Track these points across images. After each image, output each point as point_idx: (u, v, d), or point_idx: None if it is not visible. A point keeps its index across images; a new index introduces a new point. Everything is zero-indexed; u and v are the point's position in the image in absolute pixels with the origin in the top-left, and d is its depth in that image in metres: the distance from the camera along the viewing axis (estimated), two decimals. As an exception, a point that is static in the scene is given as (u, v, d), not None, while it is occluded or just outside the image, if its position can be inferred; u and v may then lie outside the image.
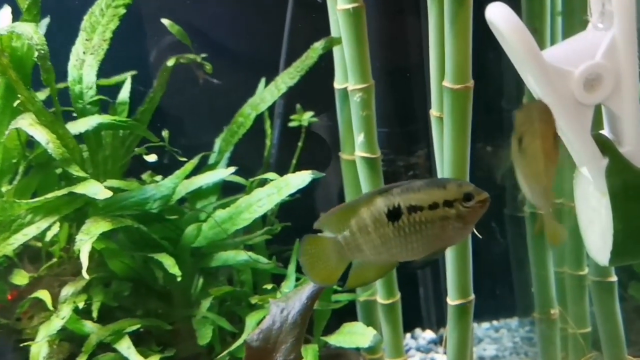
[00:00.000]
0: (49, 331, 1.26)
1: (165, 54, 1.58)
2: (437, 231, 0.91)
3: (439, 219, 0.91)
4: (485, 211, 0.93)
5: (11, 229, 1.30)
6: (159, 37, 1.68)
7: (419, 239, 0.91)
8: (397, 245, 0.92)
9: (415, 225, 0.91)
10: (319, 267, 0.94)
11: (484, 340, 1.89)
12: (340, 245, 0.93)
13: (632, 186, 1.03)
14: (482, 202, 0.91)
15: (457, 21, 1.18)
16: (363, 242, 0.92)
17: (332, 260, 0.94)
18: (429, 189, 0.91)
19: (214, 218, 1.40)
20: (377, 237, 0.92)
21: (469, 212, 0.91)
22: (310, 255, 0.94)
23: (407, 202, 0.91)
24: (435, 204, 0.91)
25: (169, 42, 1.65)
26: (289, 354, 1.08)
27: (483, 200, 0.92)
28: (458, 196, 0.91)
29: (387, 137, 1.65)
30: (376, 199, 0.92)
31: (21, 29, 1.27)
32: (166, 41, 1.67)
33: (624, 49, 1.01)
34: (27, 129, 1.26)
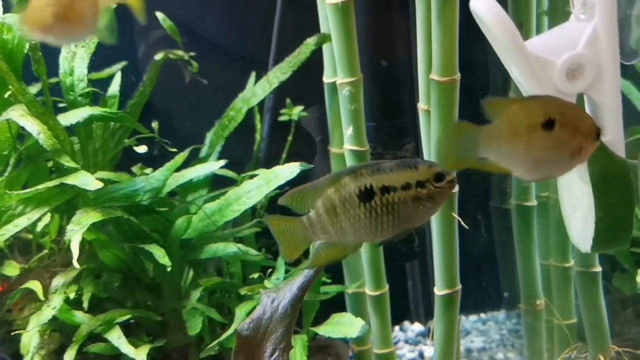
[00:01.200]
0: (39, 321, 1.27)
1: (156, 46, 1.59)
2: (409, 211, 0.91)
3: (411, 199, 0.91)
4: (452, 190, 0.94)
5: (2, 220, 1.31)
6: (149, 29, 1.68)
7: (390, 220, 0.91)
8: (366, 227, 0.91)
9: (388, 206, 0.90)
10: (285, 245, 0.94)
11: (472, 333, 1.91)
12: (305, 226, 0.92)
13: (614, 174, 1.05)
14: (450, 182, 0.92)
15: (444, 15, 1.20)
16: (329, 224, 0.91)
17: (296, 239, 0.93)
18: (400, 170, 0.91)
19: (204, 210, 1.41)
20: (346, 219, 0.91)
21: (440, 192, 0.92)
22: (278, 232, 0.94)
23: (380, 182, 0.90)
24: (407, 185, 0.91)
25: (160, 35, 1.66)
26: (279, 343, 1.09)
27: (452, 181, 0.92)
28: (429, 177, 0.91)
29: (375, 131, 1.67)
30: (344, 180, 0.91)
31: (12, 20, 1.27)
32: (157, 34, 1.68)
33: (605, 40, 1.03)
34: (18, 120, 1.26)
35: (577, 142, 0.94)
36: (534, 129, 0.92)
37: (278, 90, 1.54)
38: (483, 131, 0.93)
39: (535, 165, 0.94)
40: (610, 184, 1.05)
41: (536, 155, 0.93)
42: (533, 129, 0.92)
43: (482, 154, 0.94)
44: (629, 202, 1.07)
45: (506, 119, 0.93)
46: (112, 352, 1.32)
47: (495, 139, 0.93)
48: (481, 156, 0.94)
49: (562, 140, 0.93)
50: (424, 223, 0.95)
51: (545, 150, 0.93)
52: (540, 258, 1.58)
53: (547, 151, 0.93)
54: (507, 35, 1.01)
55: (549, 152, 0.93)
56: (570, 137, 0.94)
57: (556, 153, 0.94)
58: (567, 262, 1.54)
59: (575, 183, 1.13)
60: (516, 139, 0.93)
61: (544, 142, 0.93)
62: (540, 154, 0.93)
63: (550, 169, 0.96)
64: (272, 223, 0.94)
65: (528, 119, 0.92)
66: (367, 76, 1.44)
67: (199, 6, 1.72)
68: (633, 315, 1.63)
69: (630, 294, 1.61)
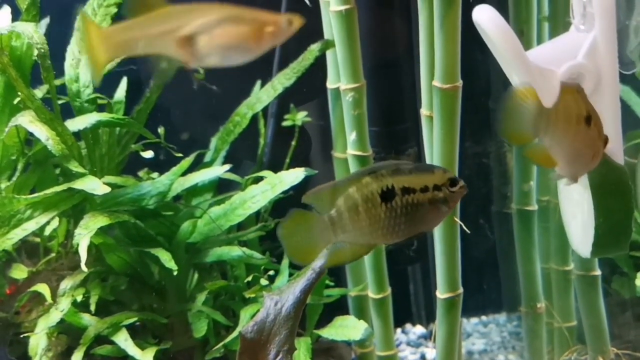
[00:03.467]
0: (48, 323, 1.29)
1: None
2: (425, 213, 0.93)
3: (428, 201, 0.93)
4: (463, 195, 0.96)
5: (10, 224, 1.33)
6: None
7: (407, 221, 0.93)
8: (385, 227, 0.93)
9: (407, 207, 0.92)
10: (299, 244, 0.93)
11: (473, 335, 1.92)
12: (327, 224, 0.92)
13: (613, 181, 1.07)
14: (462, 187, 0.95)
15: (446, 23, 1.22)
16: (350, 222, 0.92)
17: (315, 238, 0.93)
18: (419, 172, 0.94)
19: (209, 214, 1.43)
20: (367, 218, 0.92)
21: (453, 196, 0.95)
22: (292, 230, 0.93)
23: (400, 183, 0.92)
24: (426, 187, 0.93)
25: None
26: (282, 345, 1.11)
27: (463, 186, 0.95)
28: (445, 181, 0.94)
29: (378, 136, 1.69)
30: (366, 179, 0.92)
31: (21, 28, 1.29)
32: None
33: (604, 50, 1.05)
34: (27, 126, 1.28)
35: (598, 144, 0.98)
36: (579, 121, 0.95)
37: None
38: (544, 110, 0.95)
39: (573, 159, 0.97)
40: (609, 190, 1.07)
41: (576, 147, 0.96)
42: (579, 120, 0.95)
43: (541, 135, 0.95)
44: (628, 208, 1.09)
45: (562, 105, 0.95)
46: (118, 354, 1.34)
47: (553, 122, 0.95)
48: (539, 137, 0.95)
49: (592, 138, 0.97)
50: (436, 226, 0.98)
51: (583, 144, 0.96)
52: (540, 261, 1.60)
53: (584, 146, 0.96)
54: (509, 46, 1.03)
55: (584, 147, 0.96)
56: (597, 137, 0.97)
57: (587, 149, 0.97)
58: (567, 266, 1.56)
59: (575, 189, 1.15)
60: (568, 126, 0.95)
61: (583, 136, 0.96)
62: (579, 147, 0.96)
63: (580, 165, 0.98)
64: (297, 217, 0.93)
65: (577, 110, 0.95)
66: (370, 82, 1.46)
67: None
68: (632, 318, 1.65)
69: (630, 297, 1.62)
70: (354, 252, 0.95)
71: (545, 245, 1.59)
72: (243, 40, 0.88)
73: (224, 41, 0.88)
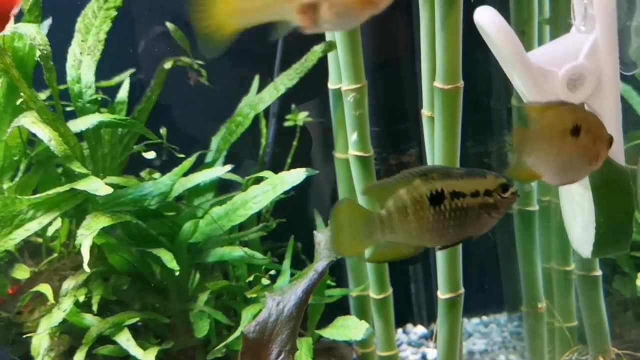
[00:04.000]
0: (50, 323, 1.29)
1: (157, 42, 1.61)
2: (474, 218, 0.93)
3: (478, 206, 0.93)
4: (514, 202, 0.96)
5: (13, 225, 1.33)
6: (152, 27, 1.71)
7: (456, 225, 0.93)
8: (432, 229, 0.92)
9: (456, 211, 0.92)
10: (346, 235, 0.93)
11: (474, 335, 1.93)
12: (376, 222, 0.92)
13: (613, 181, 1.07)
14: (514, 193, 0.95)
15: (447, 23, 1.22)
16: (398, 223, 0.92)
17: (363, 233, 0.92)
18: (470, 177, 0.94)
19: (211, 214, 1.43)
20: (415, 220, 0.91)
21: (504, 202, 0.94)
22: (342, 219, 0.92)
23: (450, 187, 0.92)
24: (476, 192, 0.93)
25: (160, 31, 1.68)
26: (284, 345, 1.11)
27: (515, 192, 0.95)
28: (496, 186, 0.94)
29: (379, 136, 1.69)
30: (416, 182, 0.92)
31: (24, 29, 1.30)
32: (157, 30, 1.70)
33: (605, 51, 1.05)
34: (30, 127, 1.29)
35: (596, 149, 0.98)
36: (564, 134, 0.96)
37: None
38: (530, 134, 0.96)
39: (562, 170, 0.98)
40: (610, 190, 1.07)
41: (564, 160, 0.97)
42: (564, 134, 0.96)
43: (525, 157, 0.97)
44: (629, 208, 1.09)
45: (545, 124, 0.96)
46: (120, 354, 1.34)
47: (537, 142, 0.96)
48: (523, 160, 0.97)
49: (585, 146, 0.97)
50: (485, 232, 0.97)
51: (572, 155, 0.97)
52: (541, 261, 1.60)
53: (573, 157, 0.97)
54: (510, 47, 1.03)
55: (574, 158, 0.97)
56: (591, 144, 0.97)
57: (579, 159, 0.97)
58: (568, 266, 1.56)
59: (575, 189, 1.15)
60: (551, 143, 0.96)
61: (572, 147, 0.96)
62: (568, 158, 0.97)
63: (573, 174, 0.99)
64: (347, 206, 0.93)
65: (561, 124, 0.96)
66: (371, 82, 1.46)
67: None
68: (633, 318, 1.65)
69: (630, 297, 1.63)
70: (400, 251, 0.95)
71: (546, 245, 1.60)
72: (356, 7, 0.91)
73: (341, 8, 0.90)
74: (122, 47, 1.67)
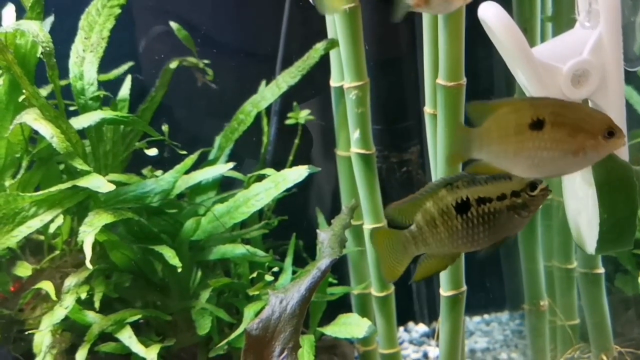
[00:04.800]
0: (52, 320, 1.29)
1: (160, 42, 1.61)
2: (504, 221, 0.95)
3: (506, 208, 0.95)
4: (546, 198, 0.98)
5: (15, 222, 1.33)
6: (154, 26, 1.71)
7: (486, 230, 0.95)
8: (463, 237, 0.95)
9: (484, 217, 0.95)
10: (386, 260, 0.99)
11: (475, 333, 1.93)
12: (408, 238, 0.96)
13: (617, 177, 1.07)
14: (544, 190, 0.97)
15: (450, 20, 1.22)
16: (430, 236, 0.96)
17: (399, 253, 0.98)
18: (495, 181, 0.96)
19: (213, 212, 1.43)
20: (445, 230, 0.95)
21: (534, 201, 0.96)
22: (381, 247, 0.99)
23: (475, 194, 0.95)
24: (503, 195, 0.95)
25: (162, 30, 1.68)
26: (287, 342, 1.11)
27: (545, 189, 0.97)
28: (523, 186, 0.96)
29: (381, 134, 1.69)
30: (441, 192, 0.95)
31: (26, 26, 1.30)
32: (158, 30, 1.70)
33: (609, 46, 1.05)
34: (32, 124, 1.28)
35: (578, 141, 0.96)
36: (521, 130, 0.95)
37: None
38: (474, 133, 0.96)
39: (531, 165, 0.96)
40: (614, 187, 1.07)
41: (529, 154, 0.95)
42: (521, 130, 0.95)
43: (475, 155, 0.97)
44: (633, 205, 1.09)
45: (495, 121, 0.96)
46: (122, 351, 1.34)
47: (485, 141, 0.96)
48: (475, 157, 0.97)
49: (556, 139, 0.95)
50: (519, 231, 0.99)
51: (538, 149, 0.95)
52: (543, 259, 1.60)
53: (540, 151, 0.95)
54: (515, 43, 1.03)
55: (543, 152, 0.95)
56: (567, 136, 0.96)
57: (552, 152, 0.96)
58: (570, 264, 1.56)
59: (579, 186, 1.15)
60: (505, 140, 0.95)
61: (534, 142, 0.95)
62: (533, 153, 0.95)
63: (550, 167, 0.97)
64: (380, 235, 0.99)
65: (515, 120, 0.95)
66: (373, 80, 1.46)
67: (206, 11, 1.74)
68: (635, 316, 1.65)
69: (633, 295, 1.63)
70: (441, 263, 1.00)
71: (548, 243, 1.60)
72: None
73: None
74: (123, 44, 1.67)
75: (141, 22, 1.73)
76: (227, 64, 1.73)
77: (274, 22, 1.70)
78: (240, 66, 1.76)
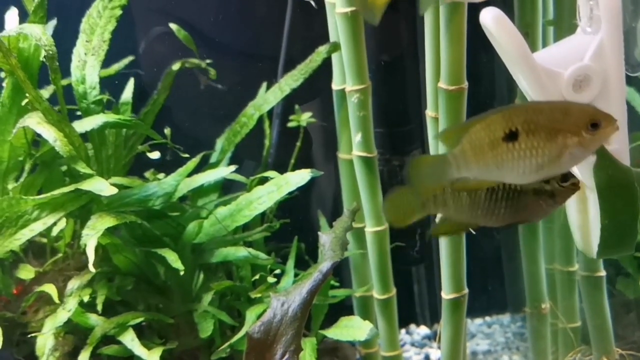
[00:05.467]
0: (55, 323, 1.30)
1: (162, 43, 1.61)
2: (528, 203, 0.95)
3: (533, 192, 0.95)
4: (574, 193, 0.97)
5: (18, 225, 1.34)
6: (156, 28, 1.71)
7: (508, 207, 0.95)
8: (486, 209, 0.95)
9: (510, 193, 0.95)
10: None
11: (477, 336, 1.93)
12: (448, 161, 0.95)
13: (618, 182, 1.07)
14: (574, 184, 0.96)
15: (452, 24, 1.22)
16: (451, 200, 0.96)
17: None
18: None
19: (215, 215, 1.44)
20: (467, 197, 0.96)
21: (562, 192, 0.96)
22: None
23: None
24: None
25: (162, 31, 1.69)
26: (289, 345, 1.11)
27: (576, 184, 0.96)
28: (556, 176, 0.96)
29: (382, 137, 1.69)
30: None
31: (29, 30, 1.30)
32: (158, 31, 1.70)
33: (610, 52, 1.05)
34: (35, 128, 1.29)
35: (559, 143, 0.93)
36: (496, 145, 0.93)
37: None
38: (447, 159, 0.95)
39: (518, 174, 0.94)
40: (616, 192, 1.07)
41: (511, 166, 0.93)
42: (495, 145, 0.93)
43: (455, 177, 0.96)
44: (634, 209, 1.09)
45: (468, 141, 0.94)
46: (125, 354, 1.34)
47: (462, 162, 0.94)
48: (456, 177, 0.96)
49: (534, 146, 0.93)
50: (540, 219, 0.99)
51: (518, 160, 0.93)
52: (545, 262, 1.60)
53: (521, 160, 0.93)
54: (516, 48, 1.03)
55: (525, 161, 0.93)
56: (545, 141, 0.93)
57: (533, 159, 0.93)
58: (572, 266, 1.56)
59: (580, 191, 1.15)
60: (482, 158, 0.94)
61: (512, 153, 0.93)
62: (515, 164, 0.93)
63: (539, 173, 0.95)
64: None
65: (488, 137, 0.93)
66: (375, 83, 1.47)
67: (209, 13, 1.75)
68: (636, 319, 1.65)
69: (634, 298, 1.63)
70: (455, 228, 1.00)
71: (550, 245, 1.60)
72: None
73: None
74: (124, 46, 1.68)
75: (144, 24, 1.73)
76: (229, 67, 1.73)
77: (276, 25, 1.70)
78: (242, 69, 1.76)
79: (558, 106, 0.97)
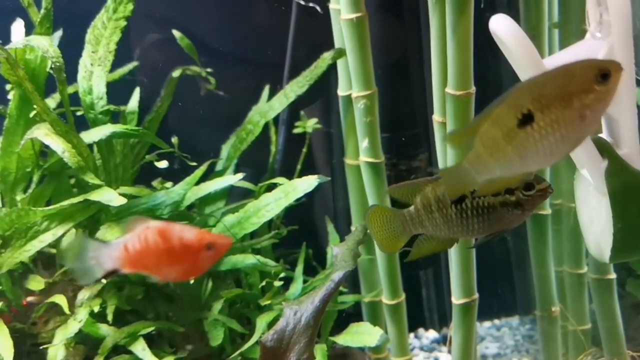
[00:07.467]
0: (66, 334, 1.30)
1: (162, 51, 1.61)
2: (498, 216, 0.97)
3: (499, 204, 0.97)
4: (545, 200, 0.99)
5: (27, 236, 1.34)
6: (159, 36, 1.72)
7: (480, 222, 0.98)
8: (458, 225, 0.98)
9: (477, 209, 0.97)
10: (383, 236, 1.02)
11: (486, 339, 1.92)
12: (405, 218, 1.00)
13: (631, 187, 1.07)
14: (542, 191, 0.97)
15: (458, 29, 1.22)
16: (426, 219, 0.99)
17: (395, 230, 1.02)
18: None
19: (223, 223, 1.44)
20: (440, 217, 0.98)
21: (528, 200, 0.97)
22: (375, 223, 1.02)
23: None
24: (497, 192, 0.97)
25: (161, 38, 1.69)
26: (302, 353, 1.12)
27: (543, 189, 0.97)
28: (519, 185, 0.96)
29: (389, 142, 1.69)
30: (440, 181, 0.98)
31: (36, 42, 1.30)
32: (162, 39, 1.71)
33: (620, 57, 1.05)
34: (43, 139, 1.29)
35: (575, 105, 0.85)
36: (512, 136, 0.85)
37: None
38: (465, 168, 0.90)
39: (545, 155, 0.87)
40: (628, 196, 1.07)
41: (536, 149, 0.86)
42: (512, 136, 0.85)
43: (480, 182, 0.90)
44: (646, 213, 1.09)
45: (480, 143, 0.87)
46: (136, 363, 1.34)
47: (481, 167, 0.88)
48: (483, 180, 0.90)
49: (555, 119, 0.85)
50: (515, 227, 1.01)
51: (543, 139, 0.85)
52: (554, 265, 1.60)
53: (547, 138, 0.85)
54: (526, 55, 1.03)
55: (549, 138, 0.85)
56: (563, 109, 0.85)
57: (558, 132, 0.85)
58: (581, 269, 1.56)
59: (592, 195, 1.15)
60: (500, 155, 0.87)
61: (534, 135, 0.85)
62: (540, 145, 0.86)
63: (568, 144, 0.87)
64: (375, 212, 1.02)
65: (501, 131, 0.86)
66: (381, 89, 1.47)
67: (213, 21, 1.75)
68: (647, 321, 1.65)
69: (644, 300, 1.63)
70: (437, 244, 1.03)
71: (559, 248, 1.59)
72: None
73: None
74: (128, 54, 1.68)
75: (147, 33, 1.73)
76: (234, 74, 1.73)
77: (281, 32, 1.70)
78: (247, 76, 1.76)
79: (559, 72, 0.88)
